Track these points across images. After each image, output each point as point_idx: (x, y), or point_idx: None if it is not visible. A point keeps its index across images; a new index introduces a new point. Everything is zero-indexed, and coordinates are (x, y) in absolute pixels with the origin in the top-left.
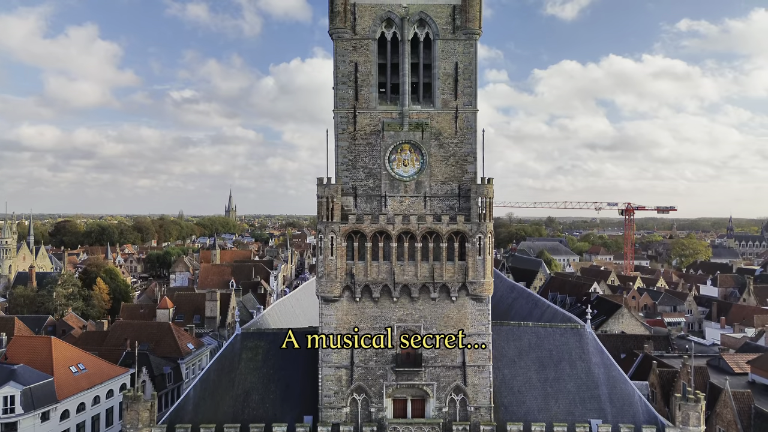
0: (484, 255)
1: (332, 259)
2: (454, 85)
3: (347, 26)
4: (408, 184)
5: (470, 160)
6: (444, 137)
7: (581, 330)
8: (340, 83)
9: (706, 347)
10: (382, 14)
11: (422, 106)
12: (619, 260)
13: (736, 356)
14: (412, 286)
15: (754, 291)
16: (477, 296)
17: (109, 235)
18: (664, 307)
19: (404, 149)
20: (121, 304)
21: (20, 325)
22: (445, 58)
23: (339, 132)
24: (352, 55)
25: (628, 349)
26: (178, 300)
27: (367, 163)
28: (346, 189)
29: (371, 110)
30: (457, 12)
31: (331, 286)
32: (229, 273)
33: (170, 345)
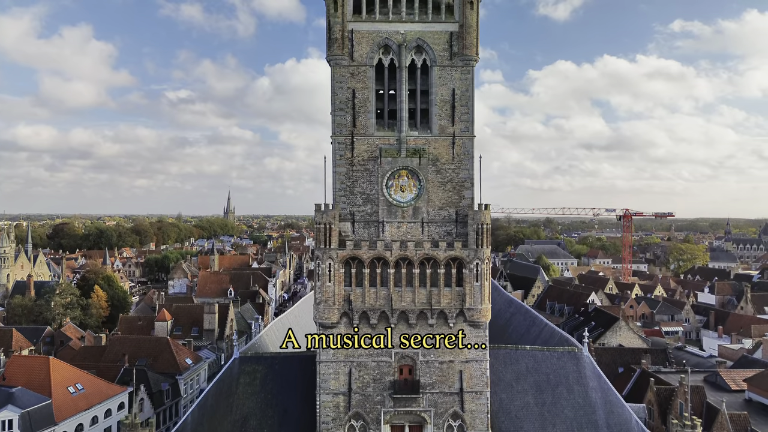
0: (481, 281)
1: (330, 286)
2: (451, 112)
3: (345, 53)
4: (405, 209)
5: (467, 185)
6: (441, 163)
7: (578, 353)
8: (338, 109)
9: (704, 359)
10: (379, 41)
11: (419, 133)
12: (617, 263)
13: (733, 372)
14: (410, 312)
15: (752, 299)
16: (474, 322)
17: (107, 238)
18: (661, 317)
19: (402, 175)
20: (119, 311)
21: (18, 336)
22: (442, 85)
23: (337, 158)
24: (350, 81)
25: (626, 362)
26: (177, 312)
27: (364, 188)
28: (343, 215)
29: (369, 136)
30: (454, 39)
31: (328, 312)
32: (227, 281)
33: (168, 360)
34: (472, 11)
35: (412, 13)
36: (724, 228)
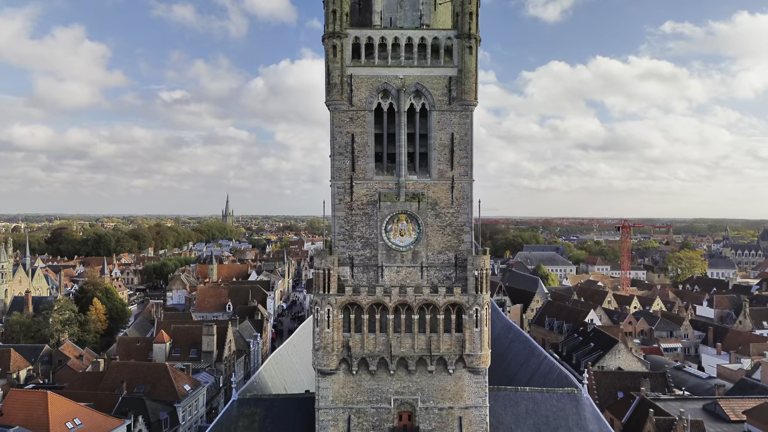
0: (481, 327)
1: (329, 332)
2: (450, 156)
3: (344, 98)
4: (405, 254)
5: (466, 230)
6: (440, 207)
7: (578, 395)
8: (337, 154)
9: (703, 380)
10: (378, 86)
11: (418, 177)
12: (616, 270)
13: (732, 402)
14: (409, 358)
15: (750, 314)
16: (474, 369)
17: (105, 243)
18: (660, 333)
19: (401, 219)
20: (117, 324)
21: (16, 356)
22: (441, 129)
23: (336, 202)
24: (349, 126)
25: (625, 387)
26: (175, 333)
27: (363, 232)
28: (342, 259)
29: (368, 180)
30: (453, 83)
31: (327, 359)
32: (225, 295)
33: (166, 387)
34: (470, 56)
35: (411, 58)
36: (722, 230)
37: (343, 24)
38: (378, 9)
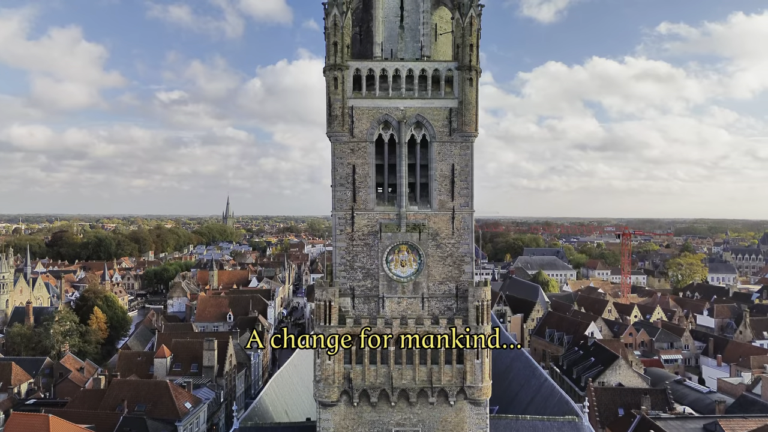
0: (482, 358)
1: (330, 364)
2: (451, 187)
3: (345, 129)
4: (406, 285)
5: (467, 260)
6: (441, 238)
7: (579, 423)
8: (338, 185)
9: (703, 395)
10: (379, 117)
11: (419, 207)
12: (617, 275)
13: (733, 422)
14: (411, 390)
15: (751, 324)
16: (475, 400)
17: (106, 247)
18: (661, 344)
19: (402, 250)
20: (118, 332)
21: (17, 369)
22: (441, 160)
23: (337, 233)
24: (350, 157)
25: (626, 404)
26: (176, 348)
27: (365, 263)
28: (343, 290)
29: (369, 211)
30: (454, 115)
31: (328, 391)
32: (226, 305)
33: (167, 405)
34: (471, 88)
35: (411, 90)
36: (722, 232)
37: (344, 56)
38: (379, 40)
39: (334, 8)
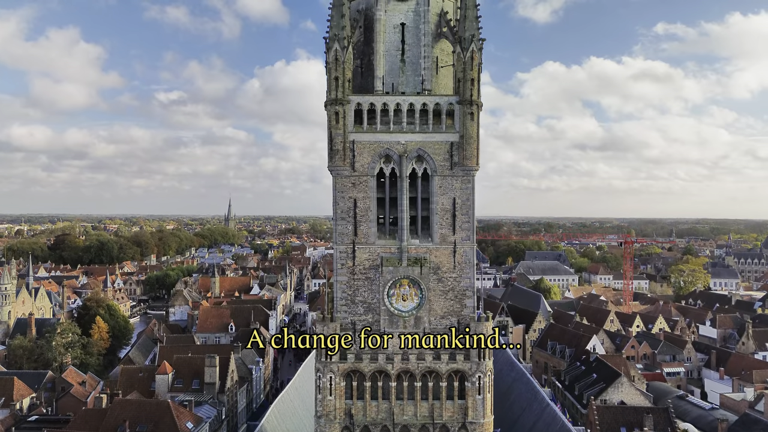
0: (483, 394)
1: (331, 399)
2: (452, 220)
3: (346, 163)
4: (407, 319)
5: (469, 294)
6: (442, 272)
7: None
8: (340, 219)
9: (706, 411)
10: (380, 151)
11: (420, 241)
12: (619, 279)
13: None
14: (412, 426)
15: (753, 335)
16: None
17: (108, 251)
18: (663, 357)
19: (403, 284)
20: (120, 341)
21: (20, 384)
22: (442, 194)
23: (338, 267)
24: (352, 191)
25: (628, 422)
26: (177, 363)
27: (366, 297)
28: (345, 324)
29: (370, 245)
30: (455, 149)
31: (329, 427)
32: (227, 316)
33: (169, 426)
34: (472, 122)
35: (413, 123)
36: (724, 233)
37: (346, 90)
38: (380, 74)
39: (335, 43)
